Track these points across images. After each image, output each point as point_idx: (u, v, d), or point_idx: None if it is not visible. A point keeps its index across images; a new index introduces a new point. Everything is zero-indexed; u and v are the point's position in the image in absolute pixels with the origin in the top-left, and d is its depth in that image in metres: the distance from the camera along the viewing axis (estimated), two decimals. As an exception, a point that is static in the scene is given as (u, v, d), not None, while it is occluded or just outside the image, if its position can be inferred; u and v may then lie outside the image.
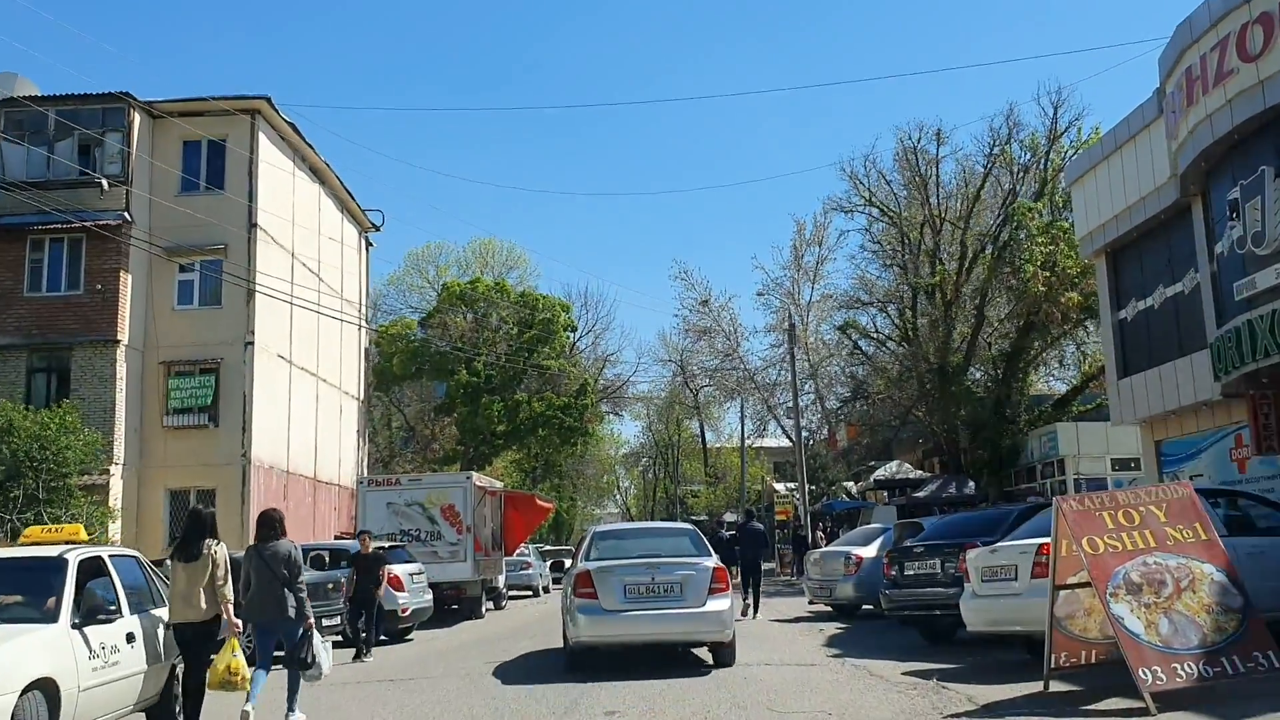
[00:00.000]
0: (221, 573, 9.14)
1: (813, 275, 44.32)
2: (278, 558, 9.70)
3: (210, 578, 9.09)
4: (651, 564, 12.67)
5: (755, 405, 58.61)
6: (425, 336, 43.49)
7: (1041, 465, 33.38)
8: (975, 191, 35.71)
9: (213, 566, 9.11)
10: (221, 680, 9.13)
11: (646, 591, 12.43)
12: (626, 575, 12.51)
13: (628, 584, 12.44)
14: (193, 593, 9.04)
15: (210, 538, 9.34)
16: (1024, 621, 10.81)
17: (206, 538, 9.30)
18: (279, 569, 9.65)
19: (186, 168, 30.22)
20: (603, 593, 12.42)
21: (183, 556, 9.25)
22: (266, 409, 30.29)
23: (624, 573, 12.54)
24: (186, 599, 9.07)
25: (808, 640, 15.92)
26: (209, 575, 9.08)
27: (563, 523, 68.53)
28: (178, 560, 9.30)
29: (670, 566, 12.64)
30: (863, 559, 19.04)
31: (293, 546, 9.95)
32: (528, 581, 33.88)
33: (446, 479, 26.02)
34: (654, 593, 12.43)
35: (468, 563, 23.29)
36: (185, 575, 9.13)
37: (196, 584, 9.05)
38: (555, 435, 43.91)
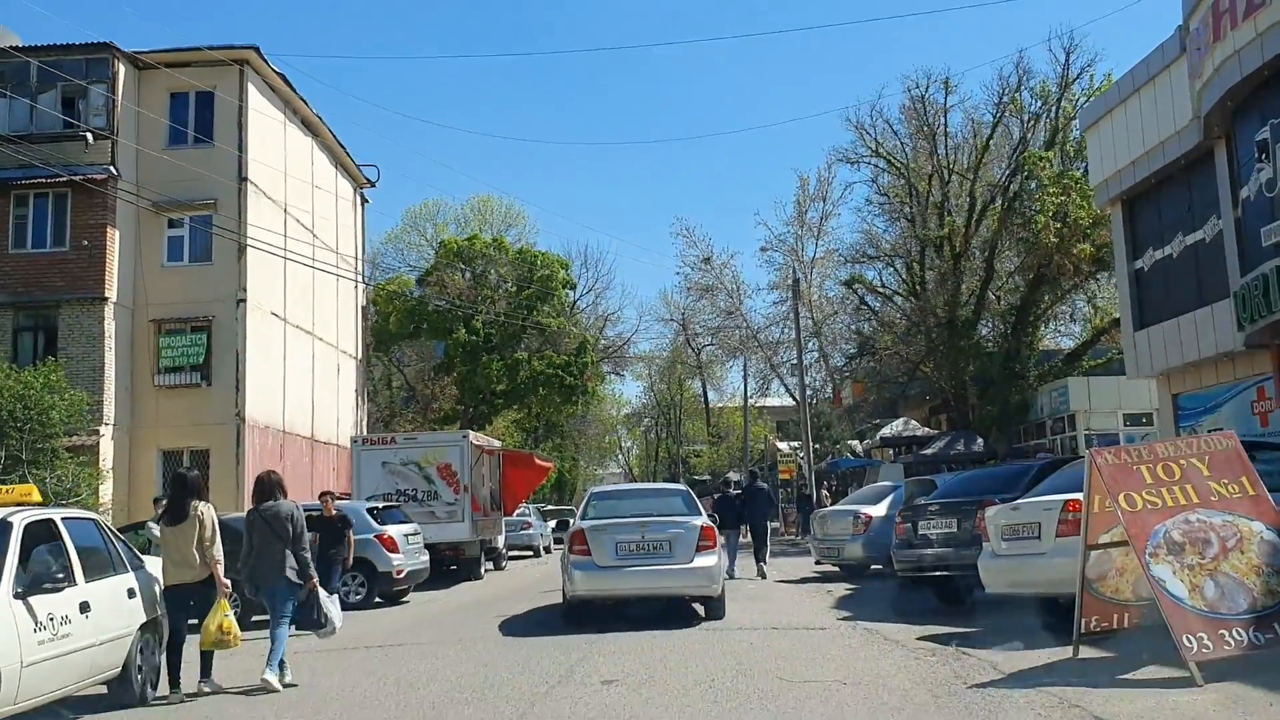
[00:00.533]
0: (209, 533, 9.21)
1: (816, 231, 43.89)
2: (279, 518, 9.69)
3: (199, 538, 9.16)
4: (642, 523, 13.32)
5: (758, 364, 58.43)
6: (423, 294, 42.72)
7: (1052, 421, 32.70)
8: (984, 141, 34.81)
9: (200, 527, 9.17)
10: (215, 640, 9.19)
11: (637, 549, 13.10)
12: (619, 534, 13.16)
13: (620, 542, 13.10)
14: (186, 554, 9.13)
15: (196, 499, 9.38)
16: (1048, 583, 10.19)
17: (191, 499, 9.34)
18: (282, 529, 9.65)
19: (174, 120, 29.46)
20: (596, 550, 13.11)
21: (169, 519, 9.34)
22: (260, 367, 29.65)
23: (616, 531, 13.20)
24: (181, 561, 9.16)
25: (815, 602, 15.30)
26: (197, 536, 9.15)
27: (565, 483, 67.94)
28: (165, 524, 9.38)
29: (660, 525, 13.26)
30: (872, 518, 18.40)
31: (294, 507, 9.93)
32: (528, 541, 33.30)
33: (443, 438, 25.38)
34: (644, 550, 13.10)
35: (465, 523, 22.68)
36: (174, 538, 9.24)
37: (188, 545, 9.13)
38: (555, 394, 43.20)
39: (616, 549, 13.08)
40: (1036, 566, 10.31)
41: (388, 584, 18.22)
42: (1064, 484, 10.76)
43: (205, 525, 9.24)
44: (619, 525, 13.34)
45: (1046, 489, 10.99)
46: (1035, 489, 11.32)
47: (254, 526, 9.78)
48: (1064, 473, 11.47)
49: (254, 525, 9.79)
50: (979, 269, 33.77)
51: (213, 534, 9.27)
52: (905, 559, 13.64)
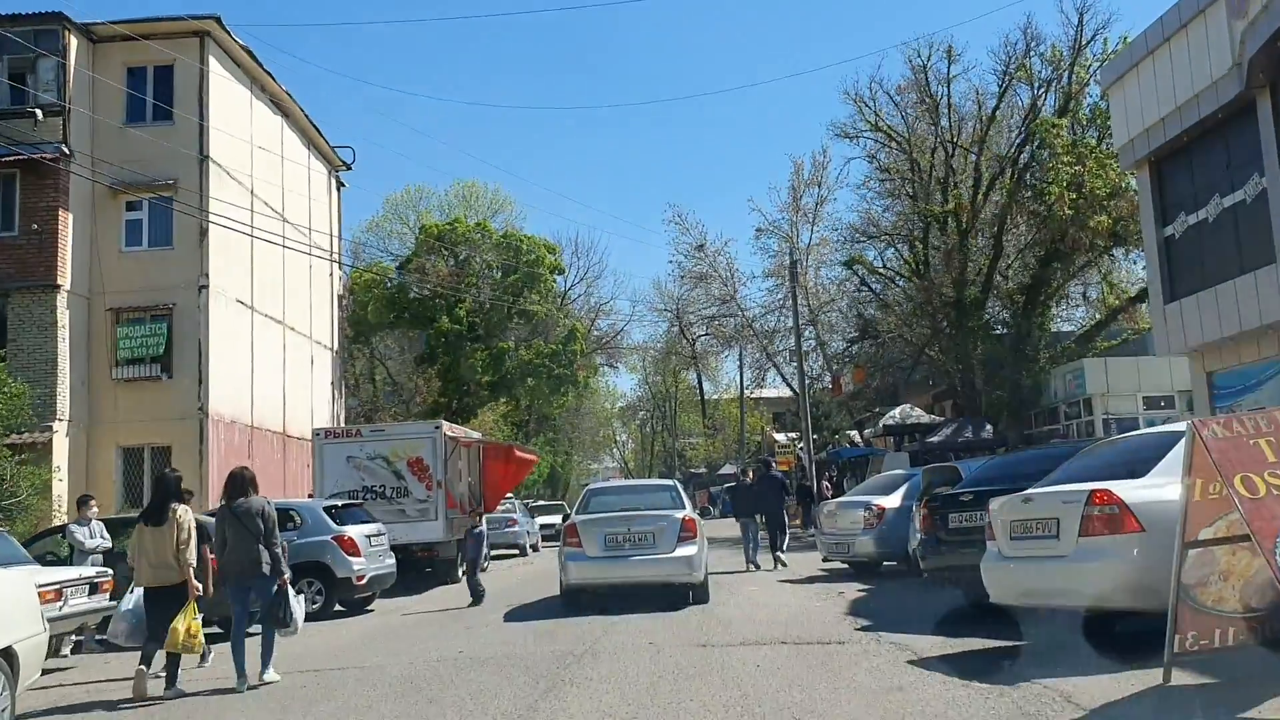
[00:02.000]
0: (185, 536, 9.46)
1: (812, 217, 43.20)
2: (251, 514, 9.72)
3: (176, 541, 9.40)
4: (628, 517, 14.61)
5: (754, 353, 57.36)
6: (402, 282, 40.81)
7: (1066, 405, 30.90)
8: (990, 112, 33.00)
9: (178, 530, 9.42)
10: (181, 643, 9.32)
11: (624, 540, 14.34)
12: (607, 527, 14.45)
13: (608, 534, 14.38)
14: (165, 557, 9.39)
15: (176, 502, 9.68)
16: (1070, 593, 8.42)
17: (172, 502, 9.64)
18: (254, 525, 9.68)
19: (131, 97, 27.70)
20: (587, 542, 14.42)
21: (150, 521, 9.59)
22: (226, 358, 27.89)
23: (605, 525, 14.49)
24: (159, 563, 9.42)
25: (827, 607, 13.47)
26: (175, 539, 9.41)
27: (558, 478, 66.42)
28: (145, 525, 9.60)
29: (645, 519, 14.52)
30: (885, 510, 16.61)
31: (265, 502, 9.96)
32: (513, 540, 31.41)
33: (413, 429, 23.46)
34: (630, 541, 14.34)
35: (439, 521, 20.84)
36: (153, 539, 9.49)
37: (167, 548, 9.40)
38: (544, 385, 41.35)
39: (605, 541, 14.36)
40: (1054, 572, 8.48)
41: (348, 591, 16.46)
42: (1084, 470, 9.05)
43: (183, 529, 9.47)
44: (607, 519, 14.62)
45: (1064, 476, 9.16)
46: (1049, 476, 9.47)
47: (226, 523, 9.78)
48: (1083, 458, 9.71)
49: (226, 521, 9.79)
50: (987, 246, 31.99)
51: (188, 537, 9.53)
52: (935, 558, 11.80)
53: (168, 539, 9.40)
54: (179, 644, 9.33)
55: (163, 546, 9.42)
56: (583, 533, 14.48)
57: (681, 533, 14.31)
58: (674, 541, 14.24)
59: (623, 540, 14.34)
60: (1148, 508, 7.87)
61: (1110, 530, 8.00)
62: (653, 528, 14.36)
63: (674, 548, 14.21)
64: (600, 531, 14.40)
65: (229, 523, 9.74)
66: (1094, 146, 28.52)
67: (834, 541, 17.46)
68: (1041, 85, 31.60)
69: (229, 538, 9.73)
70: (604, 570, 14.37)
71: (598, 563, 14.35)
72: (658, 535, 14.30)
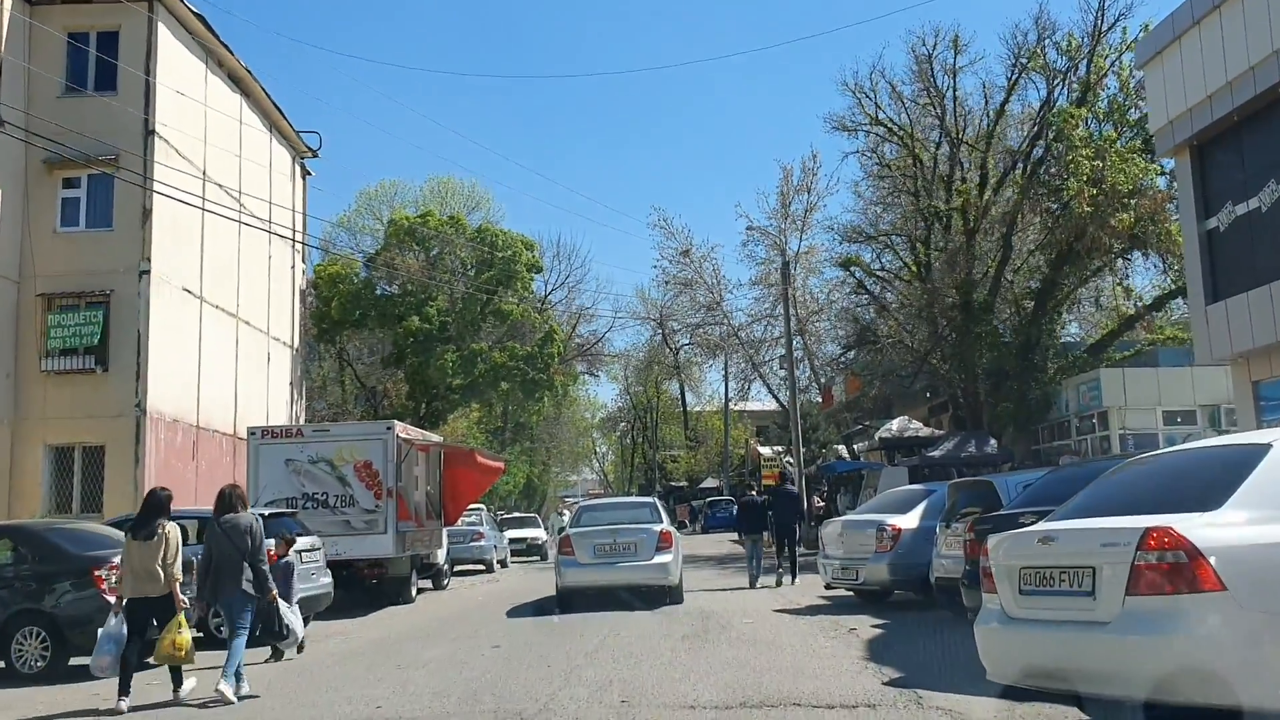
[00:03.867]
0: (173, 551, 9.67)
1: (801, 225, 40.94)
2: (238, 530, 9.88)
3: (163, 555, 9.60)
4: (613, 529, 16.97)
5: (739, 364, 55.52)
6: (369, 277, 38.33)
7: (1079, 419, 28.70)
8: (999, 105, 30.85)
9: (165, 545, 9.64)
10: (168, 654, 9.54)
11: (610, 550, 16.70)
12: (596, 538, 16.81)
13: (597, 544, 16.72)
14: (150, 569, 9.56)
15: (164, 518, 9.81)
16: (1111, 677, 5.67)
17: (160, 518, 9.78)
18: (240, 542, 9.84)
19: (72, 65, 25.42)
20: (579, 551, 16.74)
21: (138, 534, 9.72)
22: (169, 351, 25.47)
23: (594, 536, 16.85)
24: (144, 575, 9.58)
25: (839, 650, 11.12)
26: (162, 553, 9.60)
27: (535, 489, 64.08)
28: (133, 538, 9.74)
29: (628, 531, 16.89)
30: (901, 531, 14.32)
31: (254, 519, 10.13)
32: (479, 555, 28.86)
33: (360, 429, 20.97)
34: (615, 550, 16.68)
35: (388, 534, 18.42)
36: (139, 553, 9.64)
37: (152, 561, 9.57)
38: (518, 389, 38.88)
39: (594, 550, 16.74)
40: (1087, 645, 5.78)
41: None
42: (1123, 497, 6.49)
43: (170, 544, 9.69)
44: (596, 531, 17.02)
45: (1090, 504, 6.54)
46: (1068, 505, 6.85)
47: (213, 539, 9.99)
48: (1116, 478, 7.03)
49: (213, 537, 10.00)
50: (994, 247, 29.81)
51: (176, 552, 9.72)
52: None
53: (154, 553, 9.59)
54: (165, 655, 9.56)
55: (149, 559, 9.58)
56: (575, 543, 16.94)
57: (659, 543, 16.75)
58: (653, 550, 16.67)
59: (609, 549, 16.74)
60: (1231, 555, 5.38)
61: (1175, 588, 5.38)
62: (635, 539, 16.77)
63: (653, 556, 16.64)
64: (590, 542, 16.81)
65: (216, 539, 9.93)
66: (1114, 138, 26.40)
67: (840, 566, 15.12)
68: (1057, 76, 29.27)
69: (215, 553, 9.91)
70: (594, 575, 16.80)
71: (588, 568, 16.76)
72: (639, 545, 16.70)
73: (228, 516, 10.02)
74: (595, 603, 16.49)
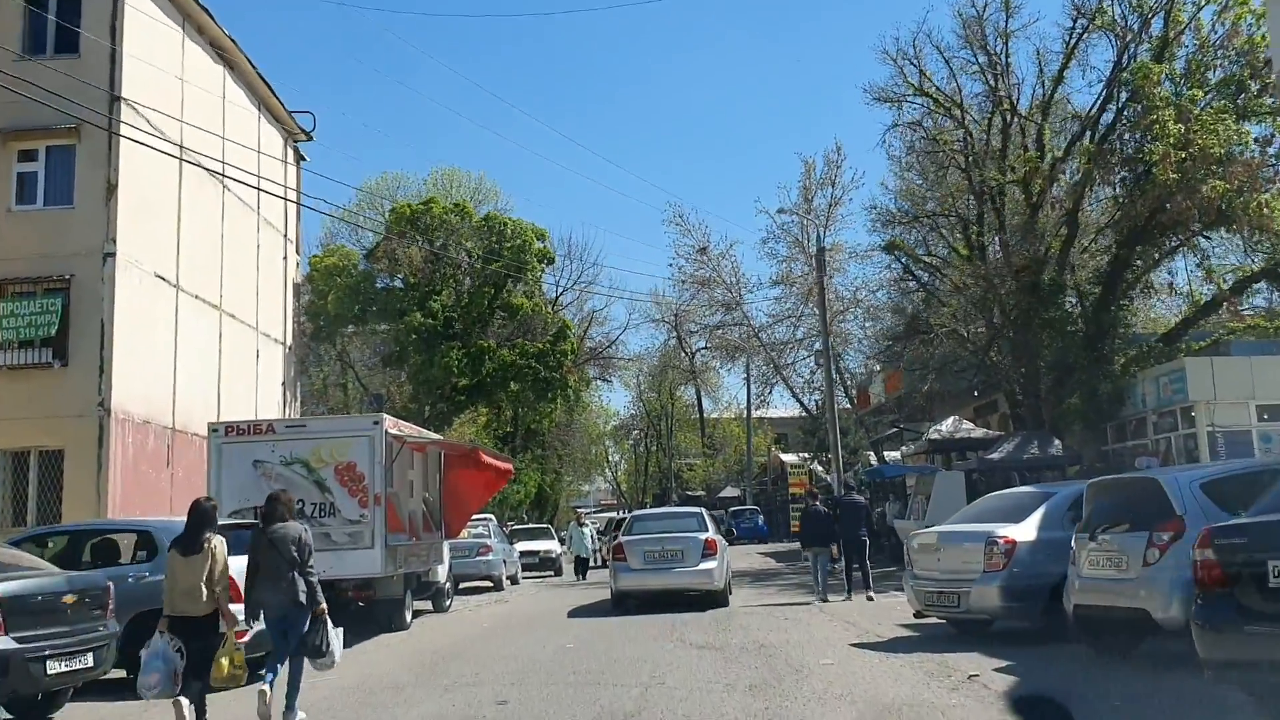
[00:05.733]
0: (220, 567, 9.24)
1: (825, 220, 38.50)
2: (287, 541, 9.41)
3: (210, 572, 9.13)
4: (662, 538, 18.47)
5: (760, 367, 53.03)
6: (369, 270, 35.33)
7: (1157, 415, 25.53)
8: (1057, 72, 27.77)
9: (212, 561, 9.16)
10: (228, 675, 9.12)
11: (659, 556, 18.17)
12: (646, 546, 18.37)
13: (646, 551, 18.27)
14: (195, 587, 9.09)
15: (211, 531, 9.34)
16: None
17: (207, 531, 9.31)
18: (288, 552, 9.36)
19: (30, 26, 22.70)
20: (631, 557, 18.30)
21: (183, 549, 9.25)
22: (138, 345, 22.64)
23: (644, 544, 18.41)
24: (188, 593, 9.11)
25: (968, 709, 8.07)
26: (208, 570, 9.13)
27: (547, 499, 61.18)
28: (177, 553, 9.27)
29: (675, 540, 18.33)
30: (1015, 544, 11.24)
31: (304, 529, 9.71)
32: (487, 570, 25.61)
33: (343, 425, 17.76)
34: (664, 557, 18.15)
35: (376, 549, 15.39)
36: (185, 569, 9.15)
37: (197, 578, 9.09)
38: (529, 390, 35.86)
39: (644, 556, 18.09)
40: None
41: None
42: None
43: (218, 560, 9.22)
44: (646, 540, 18.43)
45: None
46: None
47: (260, 549, 9.49)
48: None
49: (260, 548, 9.50)
50: (1058, 223, 26.75)
51: (224, 569, 9.27)
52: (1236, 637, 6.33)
53: (200, 569, 9.11)
54: (225, 676, 9.12)
55: (193, 575, 9.10)
56: (628, 550, 18.22)
57: (704, 550, 18.02)
58: (699, 557, 17.94)
59: (659, 555, 18.01)
60: None
61: None
62: (681, 546, 18.06)
63: (699, 562, 17.90)
64: (641, 549, 18.16)
65: (264, 549, 9.48)
66: (1197, 98, 23.34)
67: (934, 590, 12.01)
68: (1128, 34, 25.93)
69: (262, 565, 9.42)
70: (644, 579, 18.07)
71: (640, 574, 18.07)
72: (686, 552, 17.98)
73: (276, 526, 9.52)
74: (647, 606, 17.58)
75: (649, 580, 17.94)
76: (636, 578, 18.05)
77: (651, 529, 19.05)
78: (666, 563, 17.87)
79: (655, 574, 17.90)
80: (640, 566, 17.97)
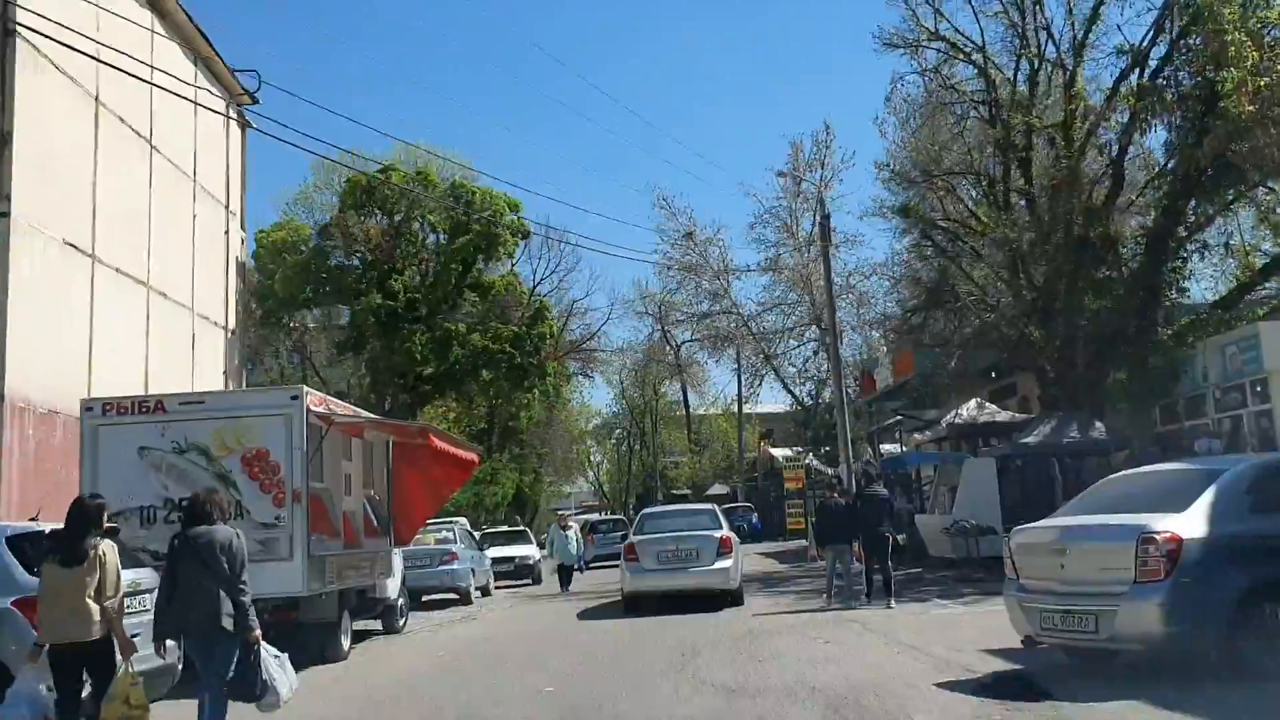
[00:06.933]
0: (113, 578, 7.80)
1: (815, 204, 36.78)
2: (214, 548, 7.70)
3: (100, 585, 7.64)
4: (676, 536, 17.88)
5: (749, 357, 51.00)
6: (322, 246, 31.69)
7: (1220, 391, 22.25)
8: (1094, 7, 24.46)
9: (102, 571, 7.67)
10: (120, 716, 7.52)
11: (673, 556, 17.56)
12: (659, 545, 17.78)
13: (659, 551, 17.67)
14: (80, 605, 7.52)
15: (97, 535, 7.81)
16: None
17: (91, 535, 7.76)
18: (215, 564, 7.65)
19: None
20: (643, 557, 17.71)
21: (63, 558, 7.67)
22: (40, 322, 19.17)
23: (658, 543, 17.84)
24: (73, 612, 7.54)
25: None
26: (97, 582, 7.63)
27: (526, 500, 57.87)
28: (55, 563, 7.69)
29: (689, 538, 17.72)
30: (1181, 541, 7.81)
31: (235, 534, 7.94)
32: (452, 582, 21.84)
33: (252, 401, 13.63)
34: (678, 556, 17.53)
35: (296, 560, 11.89)
36: (67, 582, 7.58)
37: (82, 593, 7.53)
38: (502, 378, 32.34)
39: (658, 556, 17.67)
40: None
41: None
42: None
43: (108, 569, 7.75)
44: (659, 538, 18.01)
45: None
46: None
47: (179, 557, 7.79)
48: None
49: (179, 556, 7.80)
50: (1101, 175, 23.46)
51: (117, 579, 7.84)
52: None
53: (85, 583, 7.51)
54: (117, 717, 7.45)
55: (77, 592, 7.50)
56: (639, 550, 17.79)
57: (720, 549, 17.52)
58: (714, 556, 17.44)
59: (672, 555, 17.54)
60: None
61: None
62: (696, 545, 17.54)
63: (714, 561, 17.40)
64: (654, 548, 17.68)
65: (183, 558, 7.73)
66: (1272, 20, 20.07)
67: (1058, 609, 8.46)
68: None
69: (180, 578, 7.71)
70: (658, 580, 17.58)
71: (653, 574, 17.59)
72: (700, 551, 17.49)
73: (200, 530, 7.87)
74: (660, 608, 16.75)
75: (663, 580, 17.42)
76: (650, 578, 17.51)
77: (664, 527, 18.51)
78: (681, 562, 17.36)
79: (669, 574, 17.39)
80: (654, 567, 17.49)
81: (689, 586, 17.21)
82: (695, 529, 17.97)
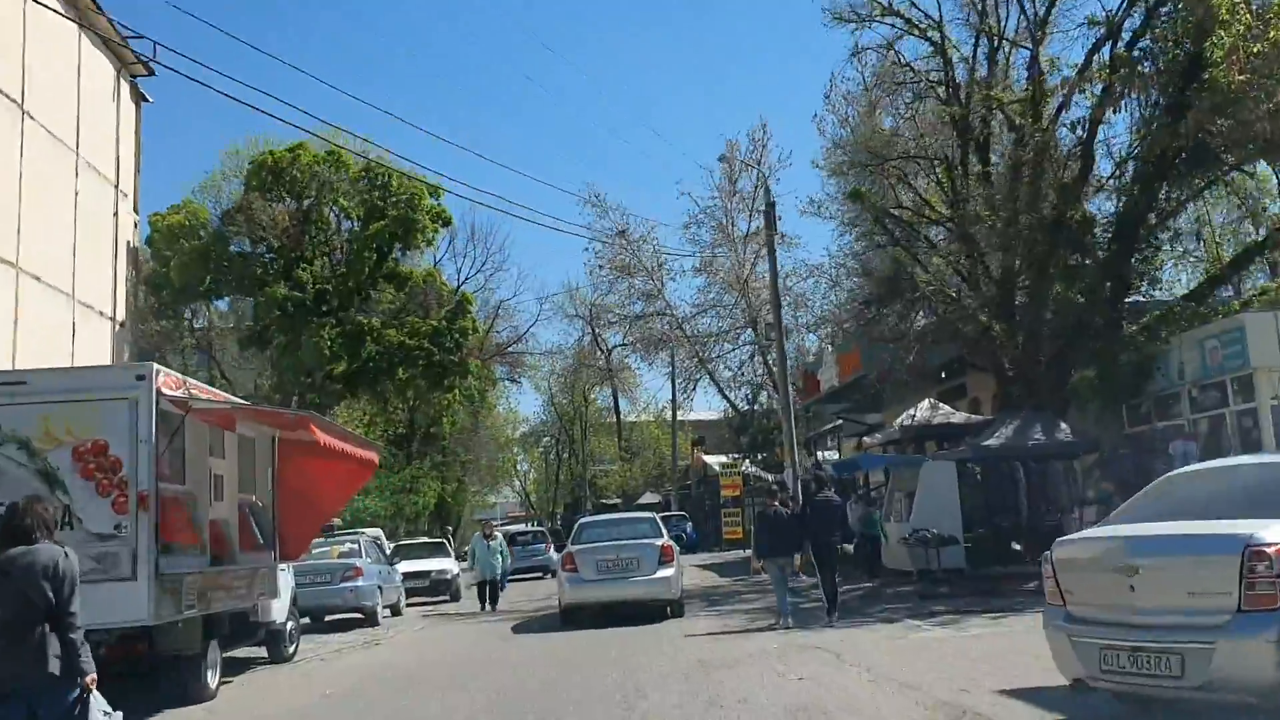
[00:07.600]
0: None
1: (750, 205, 36.03)
2: (34, 573, 5.78)
3: None
4: (616, 545, 17.40)
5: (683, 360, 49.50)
6: (222, 231, 29.03)
7: (1197, 389, 20.61)
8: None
9: None
10: None
11: (613, 565, 17.04)
12: (598, 554, 17.20)
13: (599, 560, 17.08)
14: None
15: None
16: None
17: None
18: (39, 593, 5.74)
19: None
20: (582, 567, 17.13)
21: None
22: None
23: (597, 552, 17.25)
24: None
25: None
26: None
27: (448, 510, 55.38)
28: None
29: (630, 547, 17.31)
30: (1295, 558, 5.85)
31: (62, 554, 5.94)
32: (356, 601, 19.28)
33: (87, 381, 10.64)
34: (618, 566, 17.04)
35: (141, 580, 9.55)
36: None
37: None
38: (420, 376, 29.92)
39: (597, 566, 17.06)
40: None
41: None
42: None
43: None
44: (599, 548, 17.38)
45: None
46: None
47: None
48: None
49: None
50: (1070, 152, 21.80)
51: None
52: None
53: None
54: None
55: None
56: (579, 559, 17.19)
57: (661, 558, 17.09)
58: (655, 565, 16.99)
59: (613, 565, 17.00)
60: None
61: None
62: (637, 554, 17.08)
63: (655, 570, 16.95)
64: (593, 558, 17.09)
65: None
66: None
67: (1126, 644, 6.26)
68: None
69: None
70: (597, 591, 17.07)
71: (592, 585, 17.03)
72: (641, 560, 17.01)
73: (16, 551, 5.84)
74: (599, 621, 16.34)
75: (602, 591, 16.93)
76: (590, 589, 16.99)
77: (603, 536, 18.03)
78: (621, 572, 16.88)
79: (609, 584, 16.88)
80: (594, 577, 16.93)
81: (630, 597, 16.78)
82: (636, 537, 17.61)
